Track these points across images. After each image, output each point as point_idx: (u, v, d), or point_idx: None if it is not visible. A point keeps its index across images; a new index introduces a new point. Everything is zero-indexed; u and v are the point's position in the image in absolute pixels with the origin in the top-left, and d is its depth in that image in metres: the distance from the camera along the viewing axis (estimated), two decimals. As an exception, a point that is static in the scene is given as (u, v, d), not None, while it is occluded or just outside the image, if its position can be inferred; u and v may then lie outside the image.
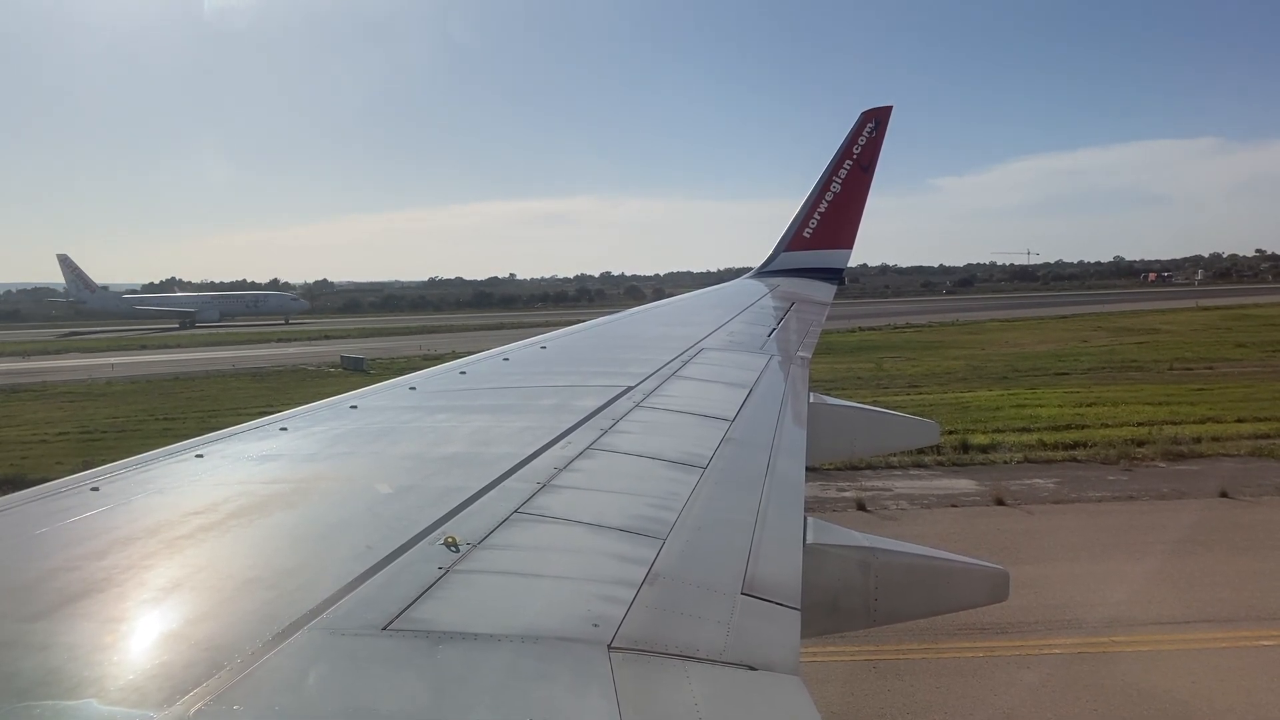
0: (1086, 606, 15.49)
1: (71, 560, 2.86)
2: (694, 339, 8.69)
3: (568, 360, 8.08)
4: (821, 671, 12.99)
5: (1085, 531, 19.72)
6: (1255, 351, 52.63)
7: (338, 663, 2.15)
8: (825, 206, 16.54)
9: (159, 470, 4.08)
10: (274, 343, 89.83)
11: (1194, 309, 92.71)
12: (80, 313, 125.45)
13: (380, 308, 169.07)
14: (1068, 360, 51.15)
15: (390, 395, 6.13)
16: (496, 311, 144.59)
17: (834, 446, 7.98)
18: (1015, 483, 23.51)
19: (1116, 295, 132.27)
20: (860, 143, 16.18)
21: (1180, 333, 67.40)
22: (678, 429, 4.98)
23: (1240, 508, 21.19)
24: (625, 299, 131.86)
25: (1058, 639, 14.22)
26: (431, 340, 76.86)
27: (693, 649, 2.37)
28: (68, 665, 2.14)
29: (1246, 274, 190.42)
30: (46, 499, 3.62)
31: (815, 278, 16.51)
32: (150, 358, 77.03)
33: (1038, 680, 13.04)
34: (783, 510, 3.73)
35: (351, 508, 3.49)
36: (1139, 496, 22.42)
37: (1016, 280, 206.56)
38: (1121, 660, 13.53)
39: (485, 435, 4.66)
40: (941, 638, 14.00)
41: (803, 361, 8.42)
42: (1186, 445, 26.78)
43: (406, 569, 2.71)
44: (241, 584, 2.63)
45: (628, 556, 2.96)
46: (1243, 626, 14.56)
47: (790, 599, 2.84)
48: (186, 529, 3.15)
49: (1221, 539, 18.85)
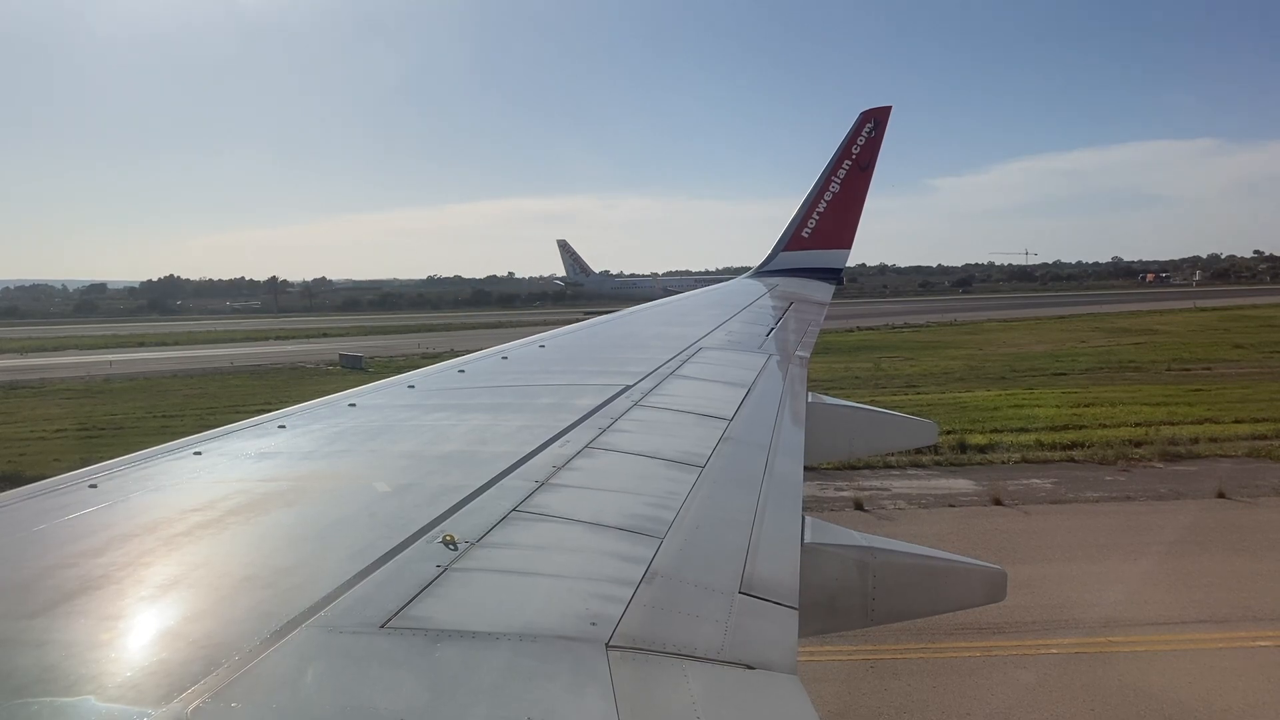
0: (1084, 606, 15.50)
1: (70, 557, 2.86)
2: (692, 338, 8.69)
3: (566, 359, 8.08)
4: (819, 671, 13.00)
5: (1082, 532, 19.73)
6: (1253, 352, 52.68)
7: (335, 660, 2.15)
8: (824, 206, 16.55)
9: (157, 468, 4.08)
10: (272, 340, 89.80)
11: (1192, 310, 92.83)
12: (578, 295, 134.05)
13: (379, 306, 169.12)
14: (1065, 361, 51.19)
15: (389, 393, 6.13)
16: (495, 310, 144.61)
17: (832, 446, 7.99)
18: (1013, 483, 23.52)
19: (1114, 296, 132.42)
20: (859, 143, 16.19)
21: (1178, 333, 67.46)
22: (676, 428, 4.98)
23: (1238, 508, 21.21)
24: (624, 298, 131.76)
25: (1055, 639, 14.23)
26: (430, 339, 76.87)
27: (690, 648, 2.37)
28: (65, 662, 2.13)
29: (1244, 275, 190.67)
30: (45, 496, 3.61)
31: (814, 277, 16.51)
32: (148, 355, 76.97)
33: (1035, 680, 13.05)
34: (781, 509, 3.73)
35: (350, 506, 3.49)
36: (1136, 497, 22.43)
37: (1015, 280, 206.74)
38: (1119, 660, 13.54)
39: (484, 434, 4.65)
40: (939, 637, 14.02)
41: (801, 361, 8.42)
42: (1184, 446, 26.80)
43: (404, 567, 2.71)
44: (240, 582, 2.63)
45: (626, 555, 2.96)
46: (1240, 627, 14.58)
47: (788, 598, 2.85)
48: (185, 526, 3.15)
49: (1218, 540, 18.86)
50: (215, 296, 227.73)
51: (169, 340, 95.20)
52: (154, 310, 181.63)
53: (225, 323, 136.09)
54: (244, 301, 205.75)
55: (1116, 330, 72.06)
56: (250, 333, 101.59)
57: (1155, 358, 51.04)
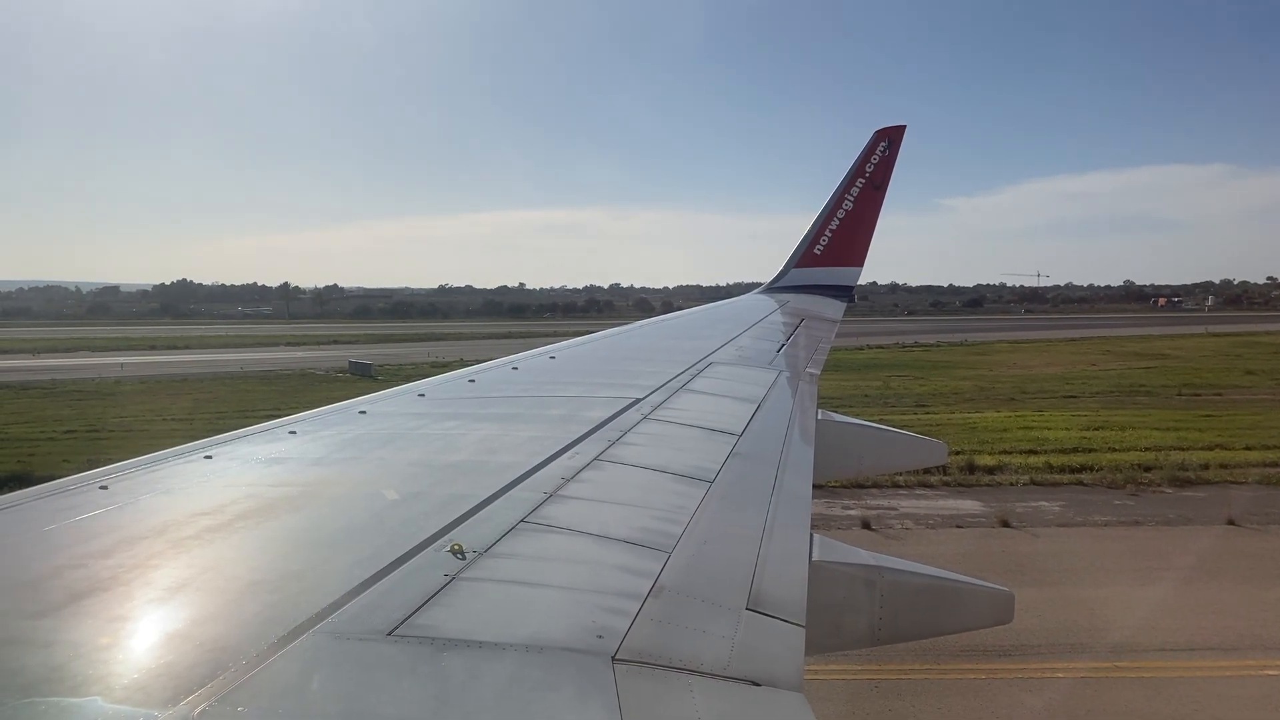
0: (1090, 631, 15.39)
1: (79, 558, 2.86)
2: (703, 352, 8.69)
3: (576, 371, 8.08)
4: (824, 689, 12.93)
5: (1090, 556, 19.61)
6: (1265, 379, 52.43)
7: (342, 667, 2.15)
8: (837, 224, 16.54)
9: (168, 470, 4.09)
10: (283, 346, 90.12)
11: (1203, 335, 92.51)
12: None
13: (390, 314, 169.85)
14: (1076, 383, 51.03)
15: (399, 401, 6.13)
16: (505, 320, 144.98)
17: (841, 464, 7.96)
18: (1021, 505, 23.42)
19: (1125, 319, 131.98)
20: (873, 161, 16.18)
21: (1189, 358, 67.19)
22: (685, 442, 4.97)
23: (1247, 536, 21.07)
24: (634, 311, 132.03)
25: (1061, 663, 14.13)
26: (440, 348, 77.09)
27: (696, 663, 2.36)
28: (73, 663, 2.14)
29: (1257, 301, 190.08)
30: (55, 496, 3.62)
31: (825, 294, 16.49)
32: (159, 358, 77.30)
33: (1041, 704, 12.96)
34: (789, 526, 3.72)
35: (358, 513, 3.49)
36: (1145, 522, 22.30)
37: (1026, 302, 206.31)
38: (1125, 686, 13.44)
39: (493, 444, 4.65)
40: (944, 658, 13.93)
41: (811, 378, 8.40)
42: (1194, 471, 26.66)
43: (412, 575, 2.71)
44: (247, 586, 2.63)
45: (633, 568, 2.95)
46: (1248, 656, 14.45)
47: (795, 615, 2.83)
48: (194, 530, 3.16)
49: (1228, 567, 18.73)
50: (227, 301, 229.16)
51: (180, 344, 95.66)
52: (166, 314, 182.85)
53: (237, 328, 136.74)
54: (256, 307, 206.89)
55: (1127, 354, 71.82)
56: (261, 338, 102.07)
57: (1166, 382, 50.82)
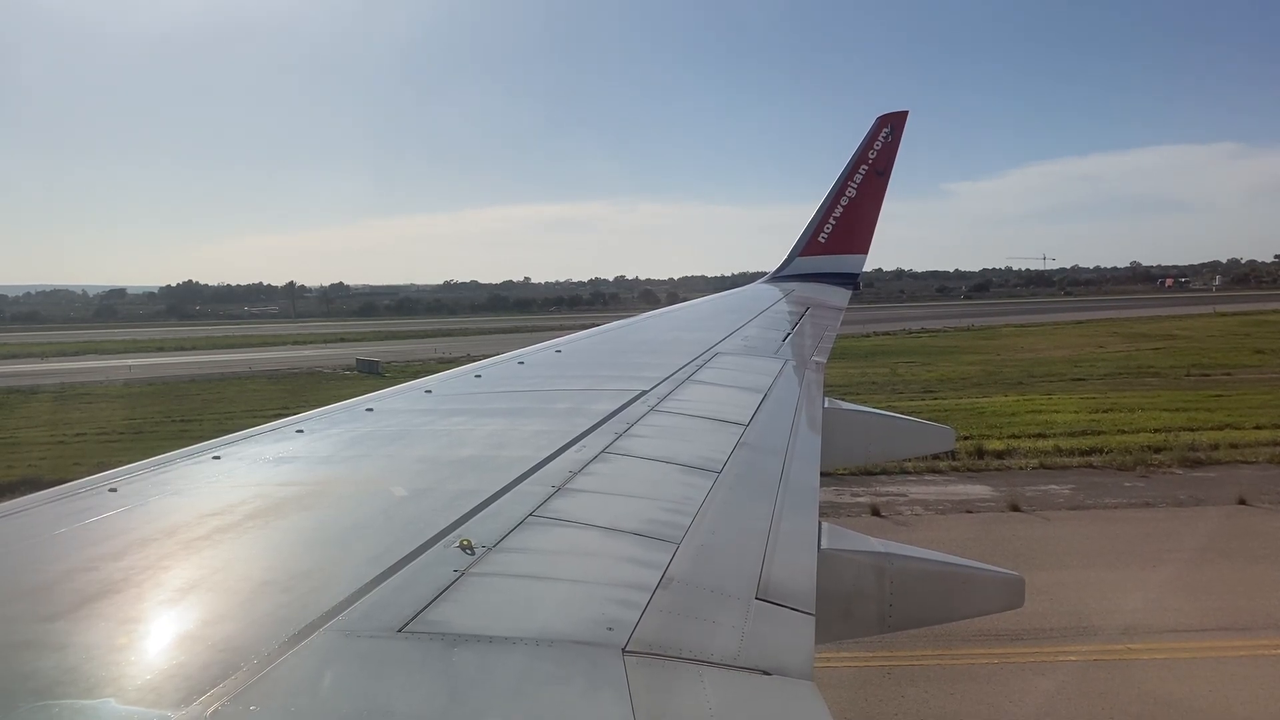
0: (1102, 614, 15.37)
1: (89, 560, 2.88)
2: (709, 343, 8.68)
3: (582, 364, 8.08)
4: (835, 677, 12.94)
5: (1101, 538, 19.57)
6: (1273, 358, 52.19)
7: (353, 665, 2.16)
8: (840, 211, 16.49)
9: (176, 472, 4.10)
10: (290, 345, 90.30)
11: (1211, 315, 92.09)
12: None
13: (396, 311, 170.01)
14: (1084, 366, 50.88)
15: (406, 398, 6.14)
16: (511, 315, 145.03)
17: (848, 451, 7.95)
18: (1031, 488, 23.38)
19: (1133, 301, 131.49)
20: (876, 147, 16.12)
21: (1197, 339, 66.93)
22: (692, 433, 4.97)
23: (1259, 515, 21.01)
24: (639, 303, 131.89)
25: (1073, 646, 14.12)
26: (447, 344, 77.15)
27: (707, 653, 2.37)
28: (85, 665, 2.15)
29: (1265, 280, 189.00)
30: (65, 499, 3.64)
31: (830, 282, 16.45)
32: (167, 359, 77.52)
33: (1053, 687, 12.95)
34: (797, 515, 3.72)
35: (367, 510, 3.50)
36: (1156, 503, 22.25)
37: (1032, 285, 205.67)
38: (1137, 668, 13.42)
39: (500, 438, 4.66)
40: (956, 644, 13.92)
41: (817, 366, 8.40)
42: (1204, 452, 26.59)
43: (422, 572, 2.72)
44: (258, 585, 2.64)
45: (642, 560, 2.96)
46: (1261, 635, 14.42)
47: (804, 604, 2.83)
48: (203, 530, 3.17)
49: (1240, 547, 18.68)
50: (233, 302, 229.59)
51: (187, 345, 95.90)
52: (173, 315, 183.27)
53: (243, 328, 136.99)
54: (262, 307, 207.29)
55: (1135, 335, 71.57)
56: (268, 338, 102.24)
57: (1174, 363, 50.64)
